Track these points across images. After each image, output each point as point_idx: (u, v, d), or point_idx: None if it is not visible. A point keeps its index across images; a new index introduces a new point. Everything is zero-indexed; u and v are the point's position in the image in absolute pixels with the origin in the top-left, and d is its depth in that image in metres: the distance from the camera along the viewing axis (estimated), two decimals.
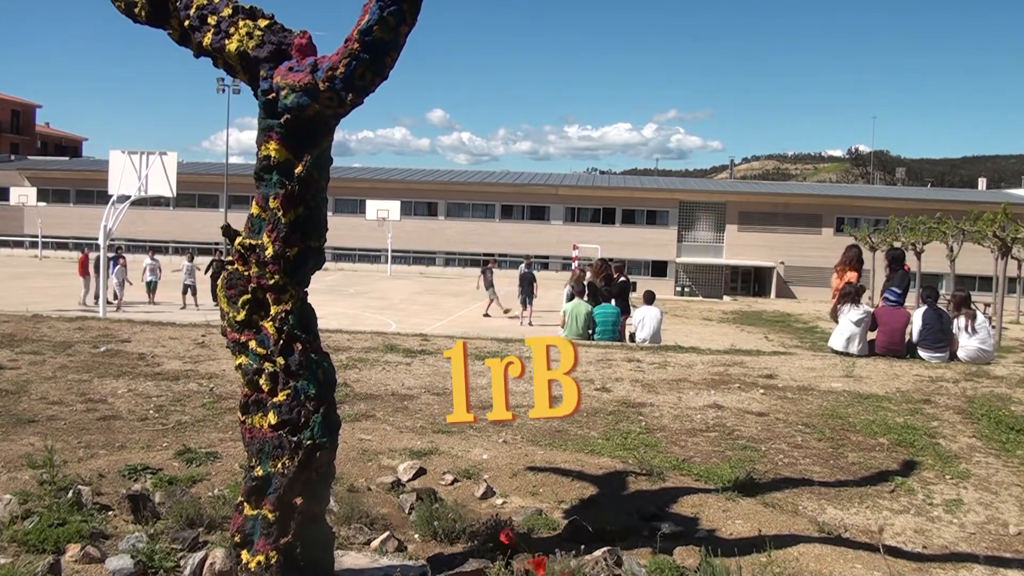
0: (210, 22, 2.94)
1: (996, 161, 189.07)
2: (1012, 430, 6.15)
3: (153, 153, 17.99)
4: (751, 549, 3.70)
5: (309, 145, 2.81)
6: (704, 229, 51.40)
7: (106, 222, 17.73)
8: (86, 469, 4.49)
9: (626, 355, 9.20)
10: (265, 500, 2.80)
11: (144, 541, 3.38)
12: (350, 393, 6.81)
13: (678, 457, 5.30)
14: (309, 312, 2.97)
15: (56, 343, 8.74)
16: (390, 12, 2.60)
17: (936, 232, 26.76)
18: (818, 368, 8.70)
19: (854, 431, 6.14)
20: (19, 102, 69.93)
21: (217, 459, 4.80)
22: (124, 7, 3.23)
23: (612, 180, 60.16)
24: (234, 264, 2.90)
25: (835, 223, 49.20)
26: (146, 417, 5.96)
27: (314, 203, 2.87)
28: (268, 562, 2.76)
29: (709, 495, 4.49)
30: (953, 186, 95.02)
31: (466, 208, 52.80)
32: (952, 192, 63.16)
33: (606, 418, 6.30)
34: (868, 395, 7.34)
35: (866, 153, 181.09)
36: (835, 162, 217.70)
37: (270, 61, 2.82)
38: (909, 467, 5.33)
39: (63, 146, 76.10)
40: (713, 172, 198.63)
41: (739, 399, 7.10)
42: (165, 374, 7.44)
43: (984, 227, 21.12)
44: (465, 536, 3.72)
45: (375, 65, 2.66)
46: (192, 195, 50.16)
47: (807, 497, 4.67)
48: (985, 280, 35.57)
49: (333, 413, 2.92)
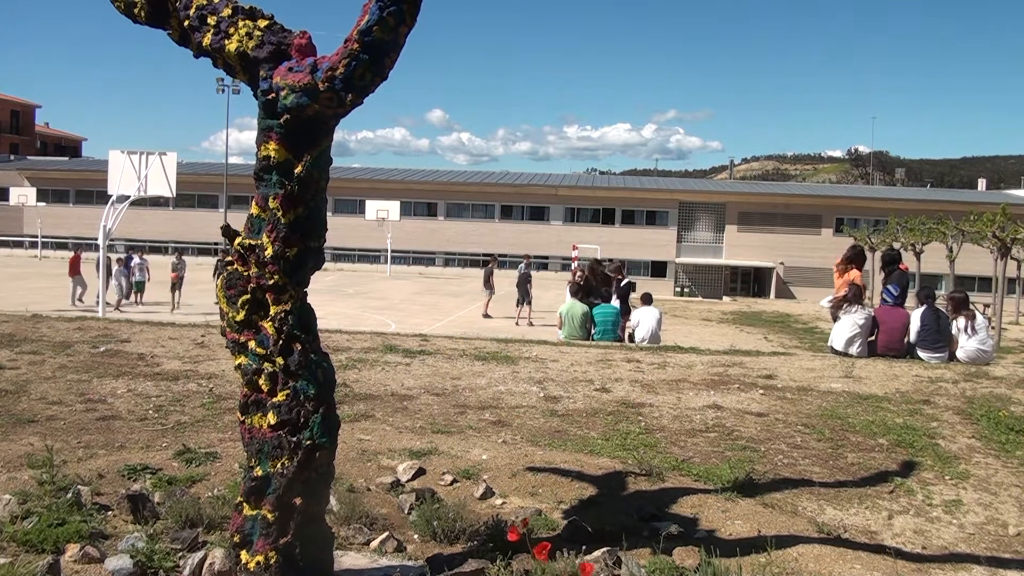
0: (210, 22, 2.94)
1: (995, 162, 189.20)
2: (1011, 431, 6.16)
3: (152, 153, 17.99)
4: (751, 549, 3.69)
5: (309, 145, 2.81)
6: (704, 229, 51.41)
7: (105, 222, 17.73)
8: (85, 469, 4.49)
9: (625, 355, 9.20)
10: (264, 500, 2.80)
11: (143, 541, 3.38)
12: (349, 393, 6.81)
13: (677, 457, 5.30)
14: (309, 312, 2.96)
15: (55, 343, 8.74)
16: (390, 12, 2.60)
17: (935, 233, 26.78)
18: (817, 369, 8.70)
19: (853, 432, 6.14)
20: (19, 102, 69.95)
21: (216, 459, 4.80)
22: (124, 7, 3.23)
23: (612, 181, 60.19)
24: (233, 264, 2.90)
25: (835, 224, 49.23)
26: (145, 417, 5.96)
27: (314, 203, 2.87)
28: (267, 562, 2.76)
29: (708, 495, 4.49)
30: (952, 187, 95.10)
31: (466, 208, 52.82)
32: (951, 193, 63.21)
33: (605, 418, 6.30)
34: (867, 396, 7.34)
35: (866, 154, 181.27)
36: (835, 163, 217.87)
37: (270, 61, 2.82)
38: (908, 468, 5.33)
39: (63, 146, 76.15)
40: (713, 172, 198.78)
41: (738, 399, 7.10)
42: (165, 374, 7.43)
43: (983, 228, 21.13)
44: (464, 536, 3.72)
45: (375, 65, 2.66)
46: (192, 195, 50.17)
47: (806, 497, 4.68)
48: (985, 281, 35.59)
49: (332, 413, 2.91)
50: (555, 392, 7.16)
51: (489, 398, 6.87)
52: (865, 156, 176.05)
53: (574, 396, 7.04)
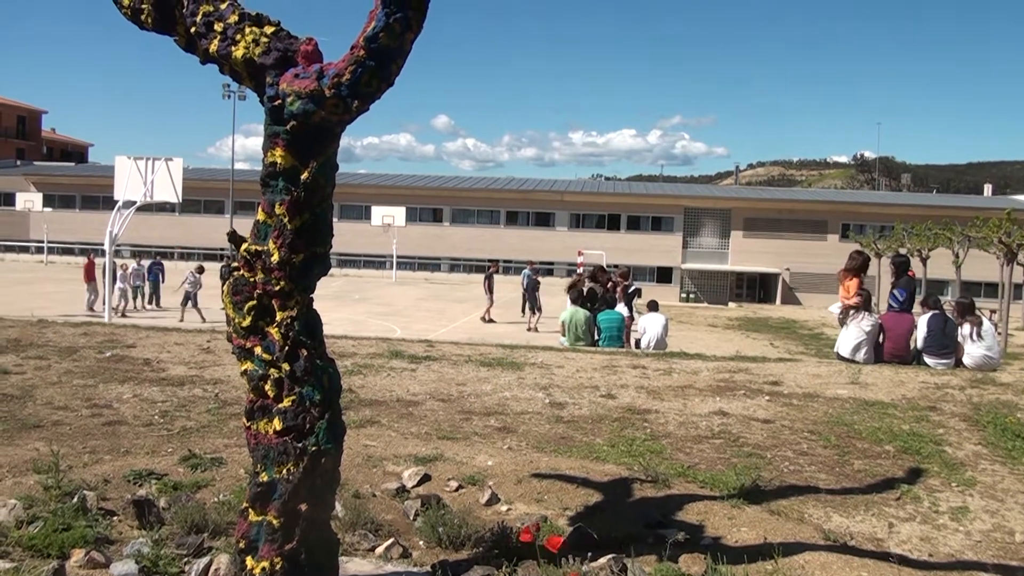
0: (216, 29, 2.95)
1: (1002, 167, 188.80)
2: (1018, 437, 6.12)
3: (159, 159, 18.06)
4: (757, 557, 3.68)
5: (315, 151, 2.82)
6: (709, 235, 51.38)
7: (112, 228, 17.79)
8: (91, 474, 4.49)
9: (631, 362, 9.19)
10: (270, 506, 2.80)
11: (149, 546, 3.38)
12: (355, 399, 6.81)
13: (683, 464, 5.28)
14: (314, 318, 2.97)
15: (61, 348, 8.76)
16: (396, 19, 2.60)
17: (941, 238, 26.72)
18: (824, 375, 8.68)
19: (860, 438, 6.12)
20: (25, 108, 70.28)
21: (222, 465, 4.80)
22: (130, 14, 3.25)
23: (617, 187, 60.26)
24: (240, 270, 2.90)
25: (840, 229, 49.17)
26: (151, 422, 5.97)
27: (320, 209, 2.88)
28: (273, 568, 2.76)
29: (714, 502, 4.48)
30: (958, 192, 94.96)
31: (471, 214, 52.89)
32: (957, 198, 63.10)
33: (611, 425, 6.29)
34: (874, 402, 7.31)
35: (871, 159, 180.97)
36: (840, 168, 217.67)
37: (276, 68, 2.83)
38: (915, 474, 5.30)
39: (69, 152, 76.49)
40: (718, 178, 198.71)
41: (744, 406, 7.08)
42: (170, 379, 7.44)
43: (989, 233, 21.05)
44: (470, 543, 3.71)
45: (381, 72, 2.66)
46: (198, 201, 50.33)
47: (813, 504, 4.66)
48: (991, 286, 35.48)
49: (338, 419, 2.91)
50: (561, 398, 7.15)
51: (494, 404, 6.86)
52: (871, 161, 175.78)
53: (580, 402, 7.03)
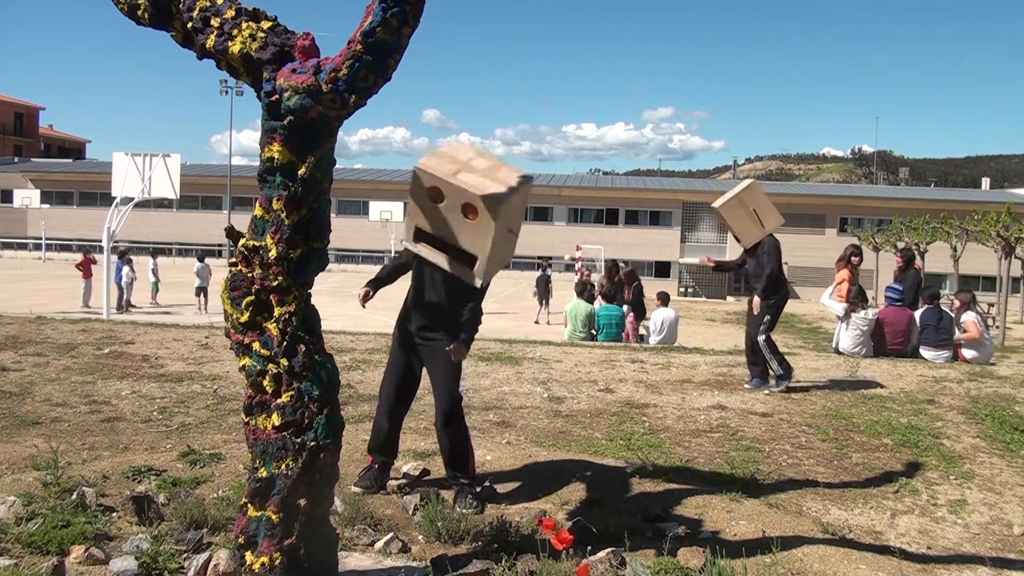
0: (213, 24, 2.94)
1: (999, 161, 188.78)
2: (1016, 430, 6.14)
3: (156, 155, 17.99)
4: (756, 550, 3.69)
5: (312, 147, 2.81)
6: (707, 230, 51.36)
7: (109, 224, 17.75)
8: (90, 471, 4.49)
9: (630, 356, 9.20)
10: (269, 501, 2.80)
11: (148, 542, 3.38)
12: (353, 395, 6.82)
13: (682, 458, 5.29)
14: (313, 313, 2.96)
15: (60, 345, 8.76)
16: (393, 14, 2.60)
17: (939, 232, 26.69)
18: (822, 368, 8.69)
19: (858, 431, 6.13)
20: (23, 104, 70.09)
21: (221, 460, 4.80)
22: (127, 9, 3.23)
23: (615, 181, 60.16)
24: (237, 266, 2.90)
25: (839, 223, 49.15)
26: (150, 419, 5.97)
27: (317, 205, 2.87)
28: (272, 563, 2.76)
29: (713, 496, 4.49)
30: (956, 186, 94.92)
31: None
32: (955, 192, 63.04)
33: (610, 419, 6.30)
34: (872, 395, 7.33)
35: (869, 153, 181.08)
36: (838, 162, 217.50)
37: (273, 63, 2.82)
38: (913, 468, 5.32)
39: (66, 148, 76.31)
40: (716, 173, 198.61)
41: (743, 400, 7.09)
42: (169, 376, 7.44)
43: (987, 227, 21.04)
44: (469, 537, 3.72)
45: (378, 66, 2.66)
46: (195, 197, 50.23)
47: (811, 498, 4.67)
48: (989, 280, 35.51)
49: (337, 414, 2.91)
50: (559, 393, 7.16)
51: (493, 399, 6.87)
52: (869, 156, 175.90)
53: (578, 397, 7.04)
